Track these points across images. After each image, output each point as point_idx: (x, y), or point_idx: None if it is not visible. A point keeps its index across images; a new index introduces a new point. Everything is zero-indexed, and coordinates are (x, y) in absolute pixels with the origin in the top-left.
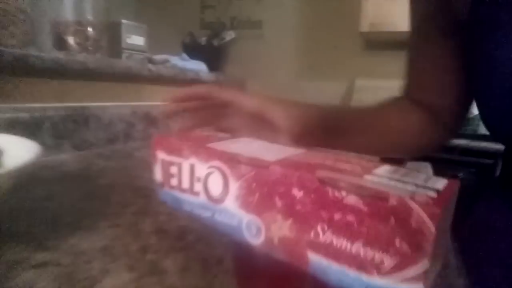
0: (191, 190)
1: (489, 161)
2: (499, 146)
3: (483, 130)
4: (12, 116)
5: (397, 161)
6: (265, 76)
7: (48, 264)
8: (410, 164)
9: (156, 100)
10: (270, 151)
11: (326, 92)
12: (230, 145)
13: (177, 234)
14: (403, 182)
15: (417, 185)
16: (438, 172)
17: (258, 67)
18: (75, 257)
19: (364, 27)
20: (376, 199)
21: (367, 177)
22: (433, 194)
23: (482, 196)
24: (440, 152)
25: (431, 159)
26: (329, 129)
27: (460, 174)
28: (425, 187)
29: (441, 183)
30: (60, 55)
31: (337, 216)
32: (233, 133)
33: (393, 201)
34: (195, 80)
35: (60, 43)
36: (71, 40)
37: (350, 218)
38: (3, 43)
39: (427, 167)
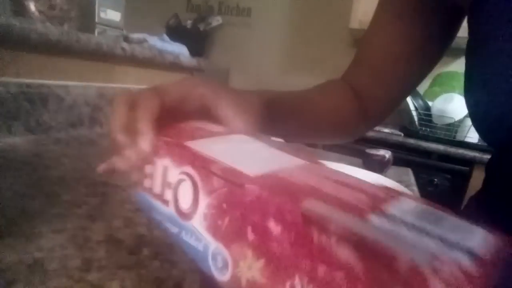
0: (161, 197)
1: (465, 168)
2: (475, 154)
3: (461, 136)
4: None
5: (380, 166)
6: (249, 66)
7: None
8: (391, 169)
9: (128, 82)
10: (260, 159)
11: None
12: (213, 146)
13: (131, 245)
14: (426, 232)
15: (445, 242)
16: (417, 176)
17: (243, 56)
18: None
19: (354, 23)
20: (377, 256)
21: (374, 217)
22: (469, 263)
23: (468, 205)
24: (419, 156)
25: (409, 162)
26: (269, 115)
27: (435, 180)
28: (458, 247)
29: (486, 240)
30: (15, 21)
31: (321, 269)
32: None
33: (402, 265)
34: (174, 64)
35: (20, 10)
36: (32, 6)
37: (339, 275)
38: None
39: (408, 174)
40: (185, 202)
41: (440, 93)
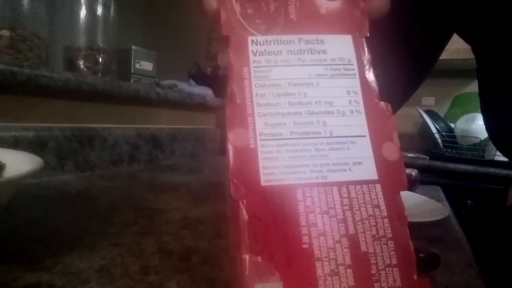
0: None
1: (499, 187)
2: (508, 171)
3: (490, 155)
4: (18, 134)
5: (409, 184)
6: None
7: (40, 285)
8: (420, 188)
9: (162, 123)
10: None
11: None
12: None
13: (181, 254)
14: None
15: None
16: (448, 198)
17: None
18: (70, 277)
19: None
20: None
21: None
22: None
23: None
24: (447, 178)
25: (438, 185)
26: None
27: (469, 201)
28: None
29: None
30: (70, 76)
31: None
32: None
33: None
34: (201, 105)
35: (71, 67)
36: (81, 64)
37: None
38: (17, 65)
39: (438, 190)
40: None
41: (461, 114)
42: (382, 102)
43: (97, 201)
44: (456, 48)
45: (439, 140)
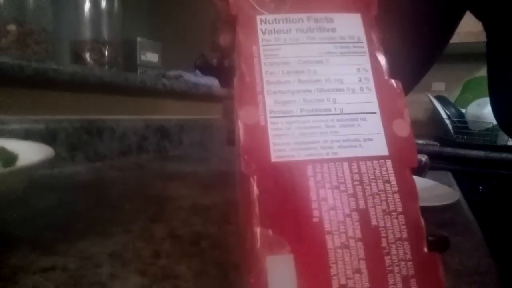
0: None
1: (510, 172)
2: None
3: (502, 140)
4: (29, 126)
5: (417, 170)
6: None
7: (54, 269)
8: (430, 174)
9: (170, 113)
10: None
11: None
12: None
13: (191, 239)
14: None
15: None
16: (459, 185)
17: None
18: (83, 261)
19: None
20: None
21: None
22: None
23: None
24: (458, 164)
25: (452, 171)
26: None
27: (480, 188)
28: None
29: None
30: (77, 68)
31: None
32: None
33: None
34: (208, 94)
35: (78, 60)
36: (88, 56)
37: None
38: (25, 59)
39: (448, 176)
40: None
41: (472, 99)
42: (392, 80)
43: (108, 190)
44: (467, 31)
45: (450, 126)
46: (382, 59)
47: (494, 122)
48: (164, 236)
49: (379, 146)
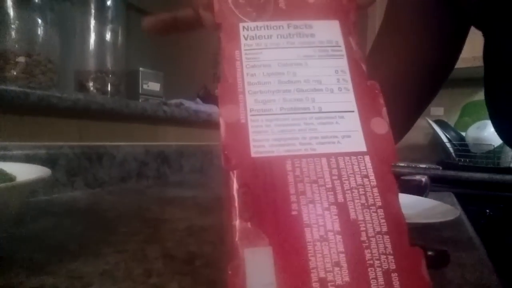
0: None
1: None
2: None
3: (505, 162)
4: (30, 152)
5: (418, 191)
6: None
7: (43, 287)
8: (432, 195)
9: (170, 140)
10: None
11: None
12: None
13: (185, 259)
14: None
15: None
16: (465, 208)
17: None
18: (73, 280)
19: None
20: None
21: None
22: None
23: None
24: (462, 187)
25: (456, 195)
26: None
27: (487, 211)
28: None
29: None
30: (80, 96)
31: None
32: None
33: None
34: (208, 122)
35: (82, 89)
36: (91, 85)
37: None
38: (30, 88)
39: (450, 196)
40: None
41: (471, 122)
42: (370, 81)
43: (104, 214)
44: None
45: (451, 149)
46: (360, 62)
47: (495, 144)
48: (157, 256)
49: (357, 143)
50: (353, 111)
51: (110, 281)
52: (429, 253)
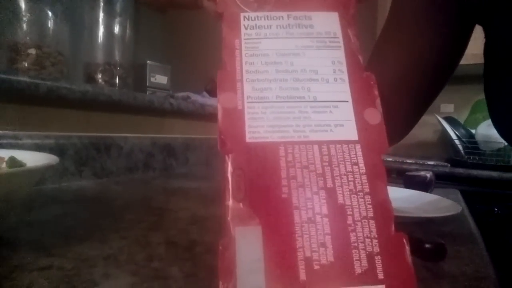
0: None
1: None
2: None
3: None
4: (39, 142)
5: (423, 187)
6: None
7: (50, 268)
8: (438, 191)
9: (176, 133)
10: None
11: None
12: None
13: (186, 246)
14: None
15: None
16: (473, 207)
17: None
18: (79, 262)
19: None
20: None
21: None
22: None
23: None
24: (471, 185)
25: (463, 193)
26: None
27: (496, 209)
28: None
29: None
30: (88, 87)
31: None
32: None
33: None
34: (214, 115)
35: (90, 81)
36: (99, 77)
37: None
38: (40, 79)
39: (456, 193)
40: None
41: (482, 119)
42: (366, 72)
43: (111, 203)
44: (474, 53)
45: (460, 147)
46: (357, 54)
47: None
48: (160, 242)
49: (350, 132)
50: (347, 101)
51: (113, 264)
52: (426, 245)
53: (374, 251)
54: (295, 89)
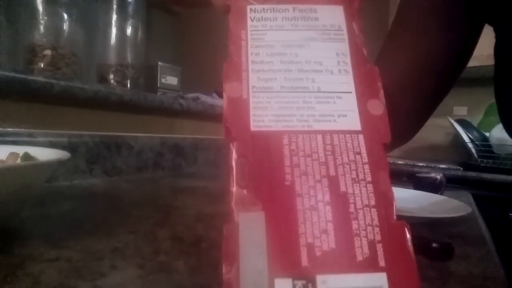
0: None
1: None
2: None
3: None
4: (53, 139)
5: (433, 189)
6: None
7: (59, 259)
8: (449, 194)
9: (185, 133)
10: None
11: None
12: None
13: (192, 241)
14: None
15: None
16: (487, 211)
17: None
18: (87, 255)
19: None
20: None
21: None
22: None
23: None
24: (484, 189)
25: (476, 197)
26: None
27: (510, 214)
28: None
29: None
30: (100, 87)
31: None
32: None
33: None
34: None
35: (103, 81)
36: (112, 78)
37: None
38: (55, 78)
39: (467, 195)
40: None
41: (496, 122)
42: (370, 64)
43: (120, 199)
44: (488, 54)
45: (473, 150)
46: (361, 47)
47: None
48: (166, 237)
49: (353, 122)
50: (350, 92)
51: (120, 256)
52: (433, 245)
53: (375, 239)
54: (300, 79)
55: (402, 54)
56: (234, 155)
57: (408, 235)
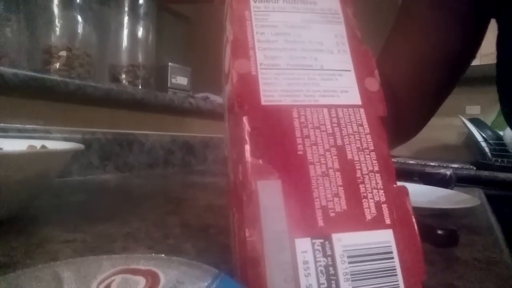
0: None
1: None
2: None
3: None
4: (67, 136)
5: (443, 185)
6: None
7: (75, 241)
8: (459, 190)
9: (195, 131)
10: None
11: None
12: None
13: (200, 228)
14: None
15: None
16: (500, 211)
17: None
18: (100, 238)
19: None
20: None
21: None
22: None
23: None
24: (498, 189)
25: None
26: None
27: None
28: None
29: None
30: (113, 86)
31: None
32: None
33: None
34: None
35: (115, 81)
36: (123, 78)
37: None
38: (69, 77)
39: (479, 191)
40: None
41: None
42: (364, 46)
43: (132, 192)
44: None
45: (487, 149)
46: (356, 30)
47: None
48: (176, 224)
49: (354, 97)
50: (349, 70)
51: (132, 240)
52: (438, 231)
53: (381, 200)
54: (304, 58)
55: (407, 47)
56: (247, 128)
57: (408, 198)
